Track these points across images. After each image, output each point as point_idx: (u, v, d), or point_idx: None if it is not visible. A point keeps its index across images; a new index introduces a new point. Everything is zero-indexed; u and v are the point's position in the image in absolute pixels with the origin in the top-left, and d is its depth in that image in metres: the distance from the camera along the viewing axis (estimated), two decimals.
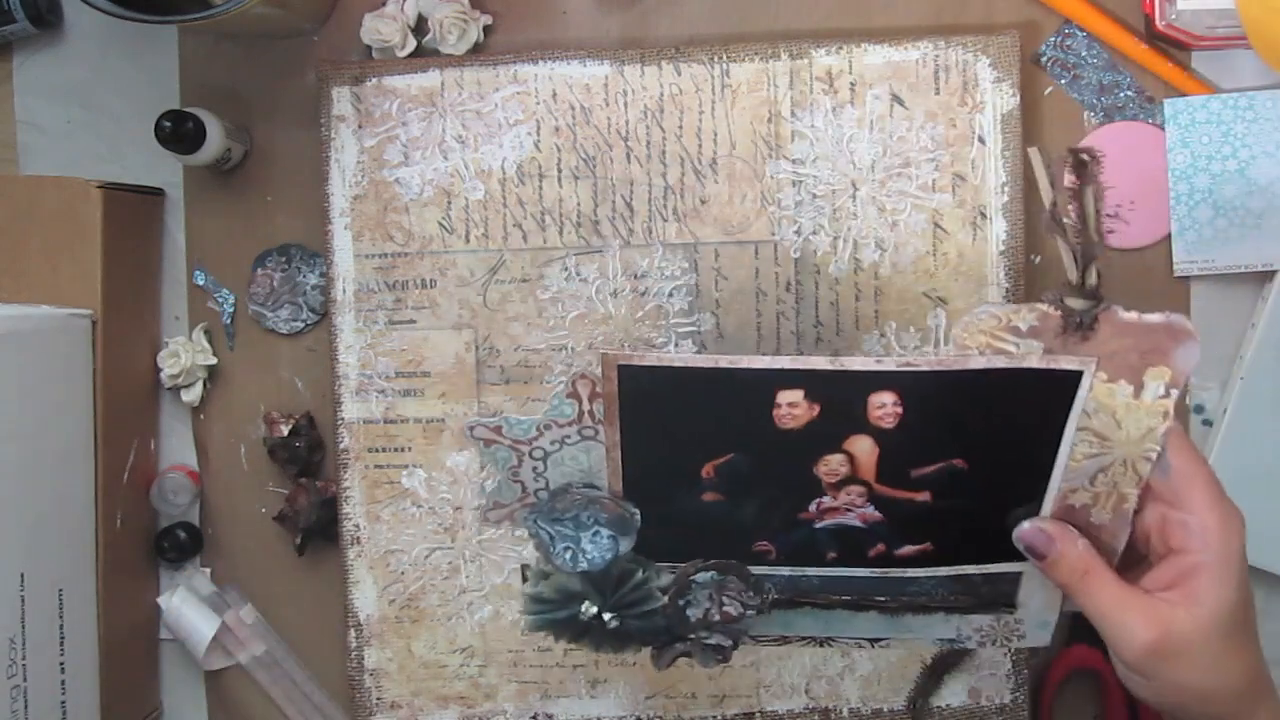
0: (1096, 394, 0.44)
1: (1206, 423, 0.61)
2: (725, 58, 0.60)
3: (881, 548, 0.49)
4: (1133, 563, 0.47)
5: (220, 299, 0.65)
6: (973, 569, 0.49)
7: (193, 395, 0.65)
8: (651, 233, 0.60)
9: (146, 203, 0.64)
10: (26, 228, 0.60)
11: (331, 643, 0.65)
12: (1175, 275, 0.60)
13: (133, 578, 0.64)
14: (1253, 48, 0.54)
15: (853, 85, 0.59)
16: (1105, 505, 0.46)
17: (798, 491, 0.47)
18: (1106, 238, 0.60)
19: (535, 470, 0.50)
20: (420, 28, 0.62)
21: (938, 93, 0.59)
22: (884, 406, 0.45)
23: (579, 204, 0.61)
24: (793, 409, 0.45)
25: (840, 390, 0.44)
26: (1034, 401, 0.44)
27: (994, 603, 0.50)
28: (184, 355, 0.64)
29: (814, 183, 0.59)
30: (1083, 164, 0.44)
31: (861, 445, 0.46)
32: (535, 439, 0.49)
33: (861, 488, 0.47)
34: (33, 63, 0.66)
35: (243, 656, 0.65)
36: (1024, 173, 0.59)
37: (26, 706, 0.56)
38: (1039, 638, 0.51)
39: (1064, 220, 0.44)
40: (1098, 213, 0.43)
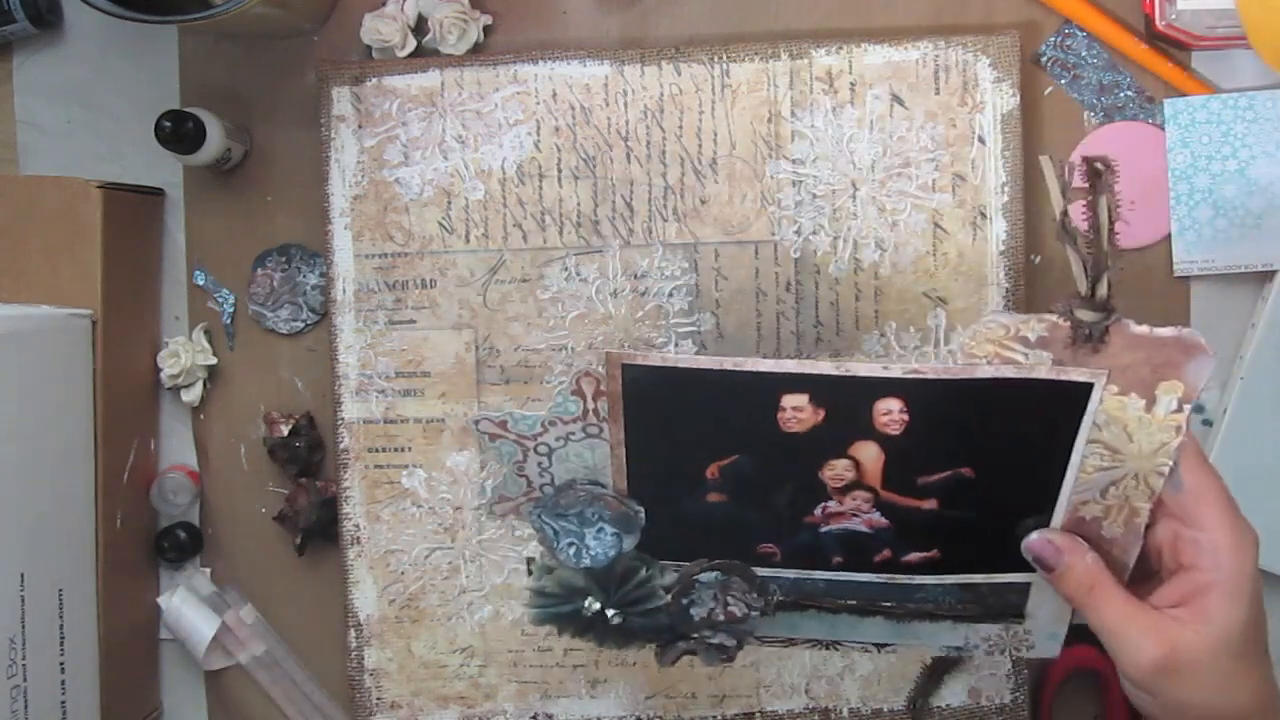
0: (1108, 407, 0.43)
1: (1206, 423, 0.61)
2: (725, 58, 0.60)
3: (888, 554, 0.48)
4: (1143, 578, 0.46)
5: (220, 299, 0.65)
6: (980, 578, 0.49)
7: (193, 395, 0.65)
8: (651, 233, 0.60)
9: (146, 203, 0.64)
10: (26, 228, 0.60)
11: (331, 643, 0.65)
12: (1175, 275, 0.60)
13: (133, 578, 0.64)
14: (1253, 48, 0.54)
15: (853, 85, 0.59)
16: (1117, 519, 0.45)
17: (803, 495, 0.47)
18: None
19: (540, 465, 0.50)
20: (420, 28, 0.62)
21: (938, 93, 0.59)
22: (890, 413, 0.44)
23: (579, 204, 0.61)
24: (798, 413, 0.45)
25: (846, 396, 0.44)
26: (1043, 412, 0.44)
27: (1002, 613, 0.50)
28: (184, 355, 0.64)
29: (814, 183, 0.59)
30: (1097, 173, 0.43)
31: (867, 451, 0.45)
32: (540, 435, 0.49)
33: (867, 493, 0.47)
34: (33, 63, 0.66)
35: (243, 656, 0.65)
36: (1024, 173, 0.59)
37: (26, 706, 0.56)
38: (1048, 649, 0.51)
39: (1075, 229, 0.43)
40: (1111, 223, 0.43)
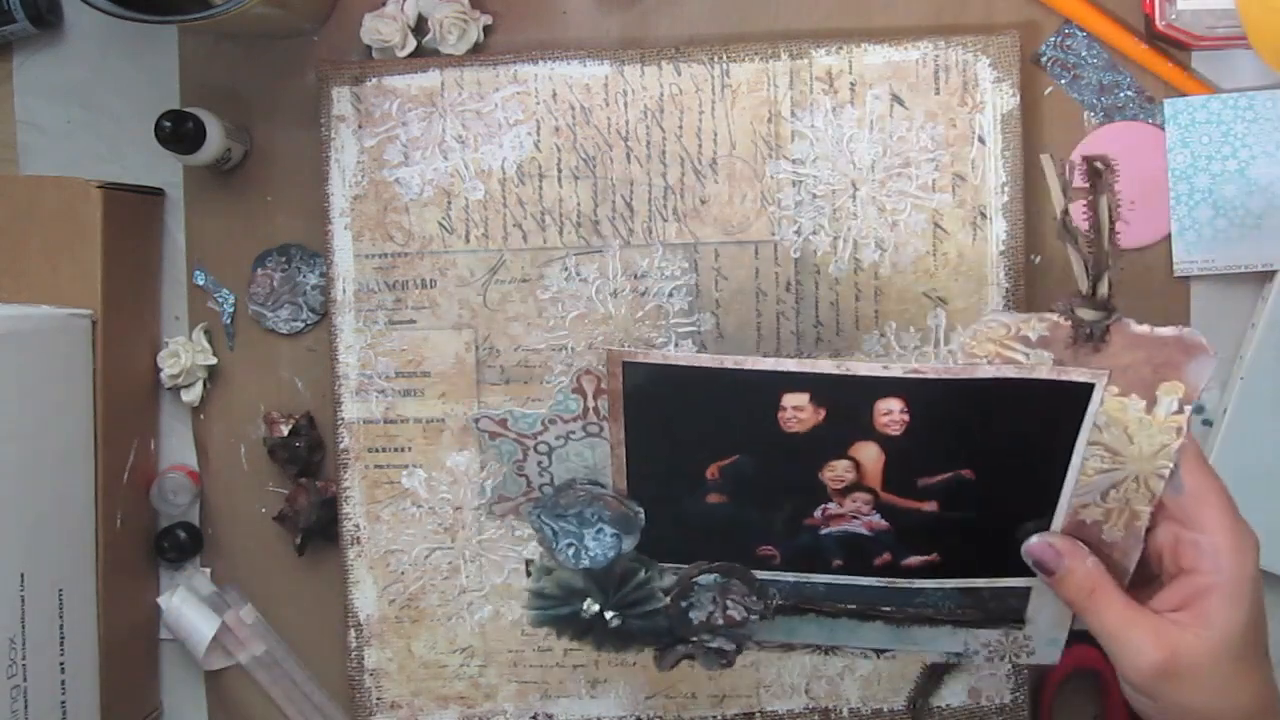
0: (1108, 408, 0.43)
1: (1206, 423, 0.61)
2: (725, 58, 0.60)
3: (888, 557, 0.48)
4: (1143, 582, 0.46)
5: (220, 299, 0.65)
6: (981, 583, 0.49)
7: (193, 395, 0.65)
8: (651, 233, 0.60)
9: (146, 203, 0.64)
10: (26, 228, 0.60)
11: (331, 643, 0.65)
12: (1175, 275, 0.60)
13: (133, 578, 0.64)
14: (1253, 48, 0.54)
15: (853, 85, 0.59)
16: (1117, 522, 0.45)
17: (803, 497, 0.47)
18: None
19: (540, 465, 0.50)
20: (420, 28, 0.62)
21: (938, 93, 0.59)
22: (890, 413, 0.44)
23: (579, 204, 0.61)
24: (798, 412, 0.45)
25: (846, 395, 0.44)
26: (1044, 413, 0.44)
27: (1002, 618, 0.50)
28: (184, 355, 0.64)
29: (814, 183, 0.59)
30: (1097, 172, 0.43)
31: (868, 452, 0.46)
32: (540, 433, 0.49)
33: (868, 495, 0.47)
34: (33, 63, 0.66)
35: (243, 656, 0.65)
36: (1024, 173, 0.59)
37: (26, 706, 0.56)
38: (1048, 655, 0.51)
39: (1075, 228, 0.43)
40: (1111, 222, 0.43)
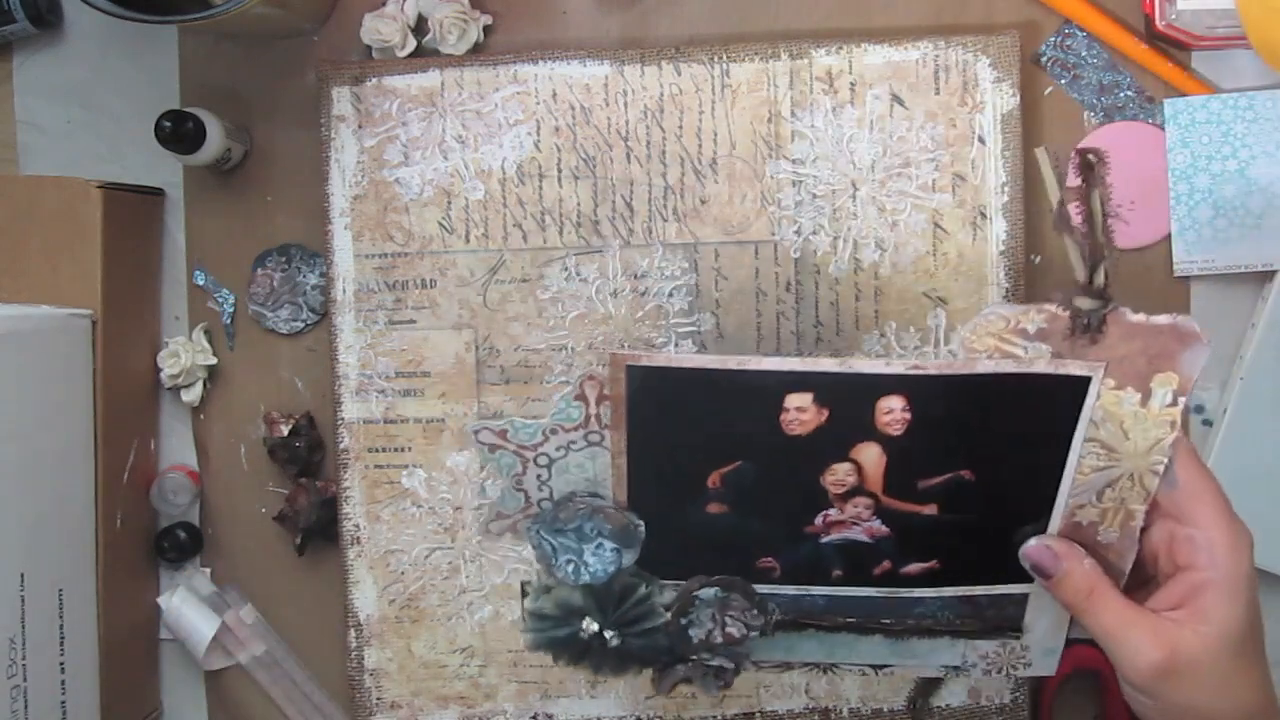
0: (1104, 402, 0.43)
1: (1206, 423, 0.61)
2: (725, 58, 0.60)
3: (888, 565, 0.48)
4: (1140, 584, 0.46)
5: (220, 299, 0.65)
6: (979, 590, 0.49)
7: (193, 395, 0.65)
8: (651, 233, 0.60)
9: (146, 203, 0.64)
10: (26, 228, 0.60)
11: (331, 643, 0.65)
12: (1175, 275, 0.60)
13: (133, 578, 0.64)
14: (1253, 48, 0.54)
15: (853, 85, 0.59)
16: (1113, 522, 0.46)
17: (804, 503, 0.47)
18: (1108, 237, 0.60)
19: (539, 478, 0.50)
20: (420, 28, 0.62)
21: (938, 93, 0.59)
22: (892, 412, 0.44)
23: (579, 204, 0.61)
24: (800, 414, 0.45)
25: (849, 394, 0.44)
26: (1042, 409, 0.44)
27: (1000, 626, 0.50)
28: (184, 355, 0.64)
29: (814, 183, 0.59)
30: (1090, 165, 0.43)
31: (869, 454, 0.46)
32: (540, 444, 0.49)
33: (869, 499, 0.47)
34: (33, 63, 0.66)
35: (243, 656, 0.65)
36: (1024, 172, 0.59)
37: (26, 706, 0.56)
38: (1045, 665, 0.51)
39: (1072, 220, 0.44)
40: (1105, 213, 0.43)
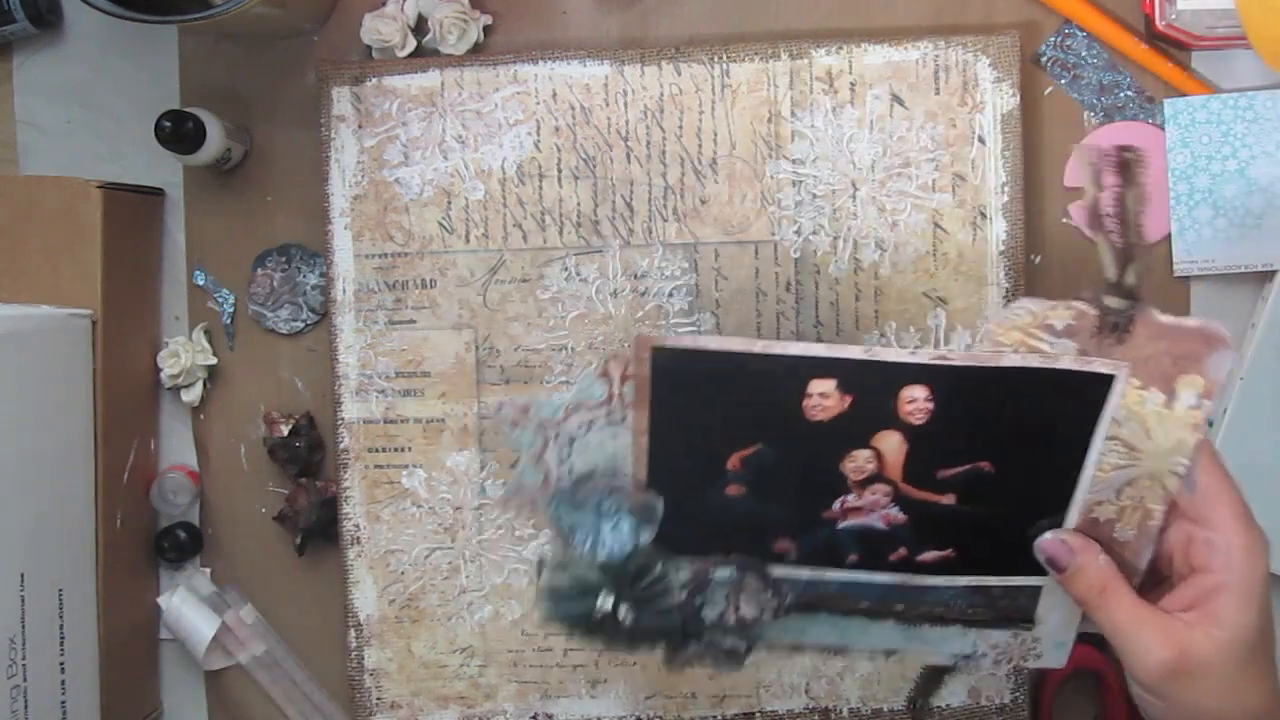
0: (1128, 401, 0.43)
1: (1207, 423, 0.61)
2: (725, 58, 0.60)
3: (903, 552, 0.48)
4: (1154, 583, 0.46)
5: (220, 299, 0.65)
6: (993, 580, 0.49)
7: (193, 395, 0.65)
8: (651, 233, 0.60)
9: (146, 203, 0.64)
10: (26, 228, 0.60)
11: (331, 643, 0.65)
12: (1175, 275, 0.60)
13: (133, 578, 0.64)
14: (1253, 48, 0.54)
15: (853, 85, 0.59)
16: (1130, 521, 0.45)
17: (822, 488, 0.47)
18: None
19: (560, 455, 0.49)
20: (420, 28, 0.62)
21: (938, 93, 0.59)
22: (915, 401, 0.44)
23: (579, 204, 0.61)
24: (824, 399, 0.45)
25: (873, 381, 0.44)
26: (1065, 405, 0.44)
27: (1012, 618, 0.50)
28: (184, 355, 0.64)
29: (814, 183, 0.59)
30: (1127, 163, 0.44)
31: (890, 442, 0.46)
32: (562, 421, 0.49)
33: (887, 487, 0.47)
34: (33, 63, 0.66)
35: (243, 656, 0.65)
36: (1024, 173, 0.59)
37: (26, 706, 0.56)
38: (1055, 658, 0.50)
39: (1105, 217, 0.44)
40: (1139, 212, 0.43)
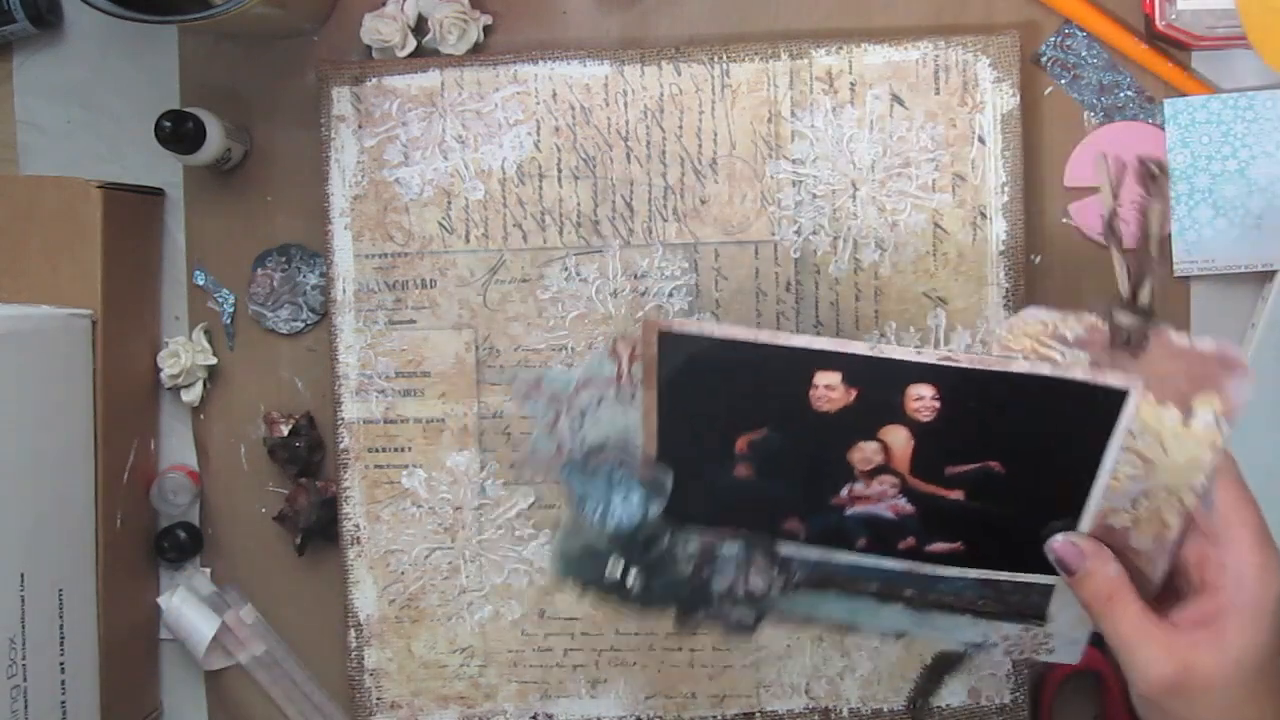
0: (1144, 415, 0.42)
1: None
2: (725, 58, 0.60)
3: (912, 541, 0.48)
4: (1166, 594, 0.45)
5: (220, 299, 0.65)
6: (1004, 575, 0.48)
7: (193, 395, 0.65)
8: (651, 233, 0.60)
9: (146, 203, 0.64)
10: (26, 228, 0.60)
11: (331, 643, 0.65)
12: (1175, 275, 0.60)
13: (133, 578, 0.64)
14: (1253, 48, 0.54)
15: (853, 85, 0.59)
16: (1146, 530, 0.44)
17: (830, 476, 0.47)
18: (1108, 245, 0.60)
19: (572, 426, 0.49)
20: (420, 28, 0.62)
21: (938, 93, 0.59)
22: (922, 399, 0.44)
23: (579, 204, 0.61)
24: (830, 391, 0.44)
25: (879, 378, 0.44)
26: (1077, 414, 0.43)
27: (1023, 613, 0.49)
28: (184, 355, 0.64)
29: (814, 183, 0.59)
30: (1153, 176, 0.43)
31: (897, 436, 0.45)
32: (574, 395, 0.49)
33: (894, 478, 0.46)
34: (33, 63, 0.66)
35: (243, 656, 0.65)
36: (1024, 173, 0.59)
37: (26, 706, 0.56)
38: (1069, 654, 0.50)
39: (1120, 231, 0.43)
40: (1161, 229, 0.43)
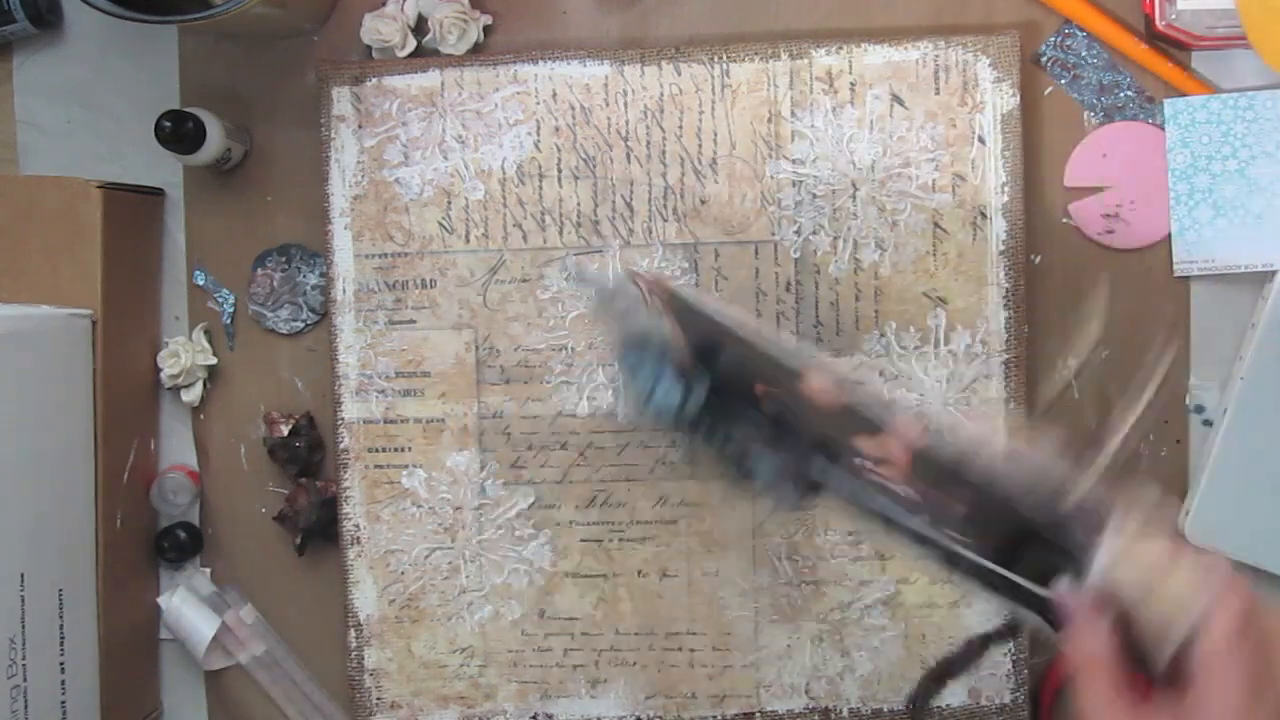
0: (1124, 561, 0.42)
1: (1206, 423, 0.61)
2: (725, 58, 0.60)
3: (927, 518, 0.48)
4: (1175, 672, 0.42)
5: (220, 299, 0.65)
6: (1016, 577, 0.48)
7: (193, 395, 0.65)
8: (651, 233, 0.60)
9: (146, 203, 0.64)
10: (26, 228, 0.60)
11: (331, 643, 0.65)
12: (1175, 275, 0.60)
13: (133, 578, 0.64)
14: (1253, 48, 0.54)
15: (853, 85, 0.59)
16: (1150, 615, 0.42)
17: (839, 447, 0.47)
18: (1107, 238, 0.60)
19: (619, 310, 0.51)
20: (420, 28, 0.62)
21: (938, 93, 0.59)
22: (911, 431, 0.44)
23: (579, 204, 0.61)
24: (822, 392, 0.45)
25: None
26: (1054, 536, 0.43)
27: (1039, 613, 0.48)
28: (184, 355, 0.64)
29: (814, 183, 0.59)
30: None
31: (893, 442, 0.44)
32: (613, 295, 0.50)
33: (898, 471, 0.46)
34: (33, 63, 0.66)
35: (243, 656, 0.65)
36: (1024, 173, 0.59)
37: (26, 706, 0.56)
38: None
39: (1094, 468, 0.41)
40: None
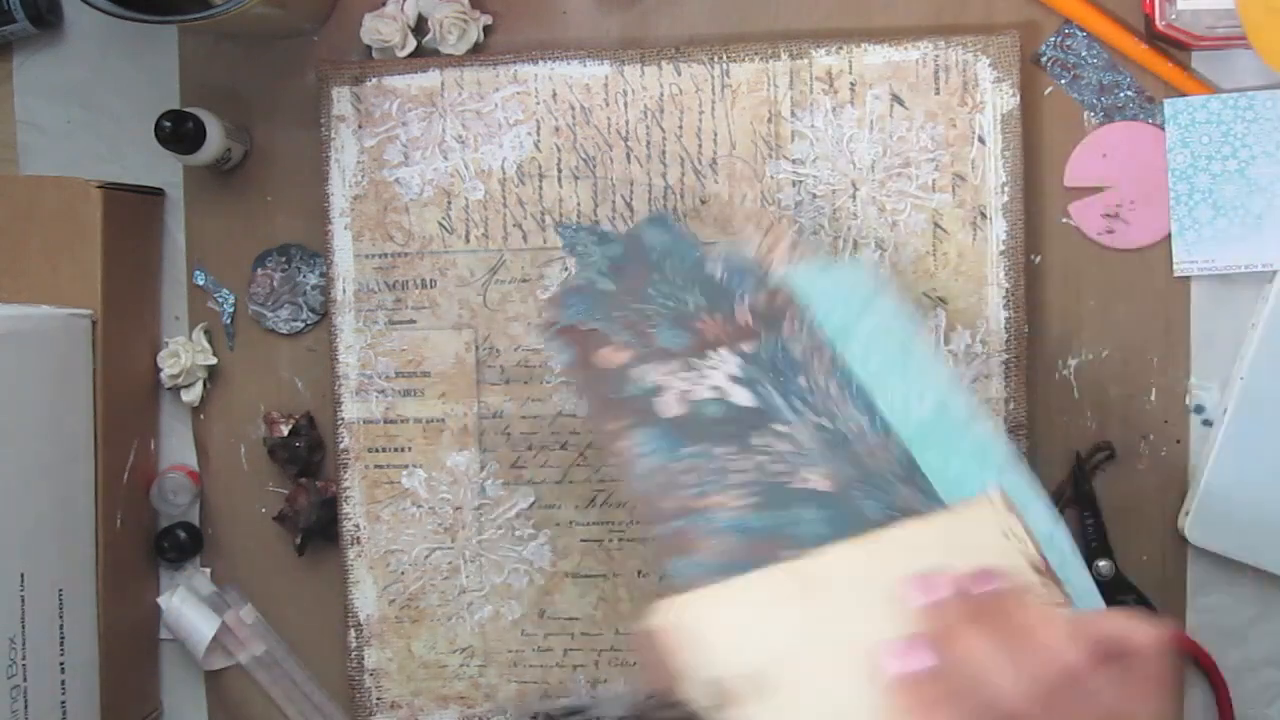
0: None
1: (1206, 423, 0.61)
2: (725, 58, 0.60)
3: None
4: None
5: (220, 299, 0.65)
6: None
7: (193, 395, 0.65)
8: None
9: (146, 203, 0.64)
10: (26, 228, 0.60)
11: (331, 643, 0.65)
12: (1175, 275, 0.60)
13: (133, 578, 0.64)
14: (1253, 48, 0.54)
15: (853, 85, 0.59)
16: None
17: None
18: (1107, 238, 0.60)
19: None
20: (420, 28, 0.62)
21: (938, 93, 0.59)
22: None
23: (579, 204, 0.61)
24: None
25: None
26: None
27: None
28: (184, 355, 0.64)
29: (814, 183, 0.59)
30: None
31: None
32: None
33: None
34: (33, 63, 0.66)
35: (243, 656, 0.65)
36: (1024, 173, 0.59)
37: (26, 706, 0.56)
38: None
39: None
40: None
